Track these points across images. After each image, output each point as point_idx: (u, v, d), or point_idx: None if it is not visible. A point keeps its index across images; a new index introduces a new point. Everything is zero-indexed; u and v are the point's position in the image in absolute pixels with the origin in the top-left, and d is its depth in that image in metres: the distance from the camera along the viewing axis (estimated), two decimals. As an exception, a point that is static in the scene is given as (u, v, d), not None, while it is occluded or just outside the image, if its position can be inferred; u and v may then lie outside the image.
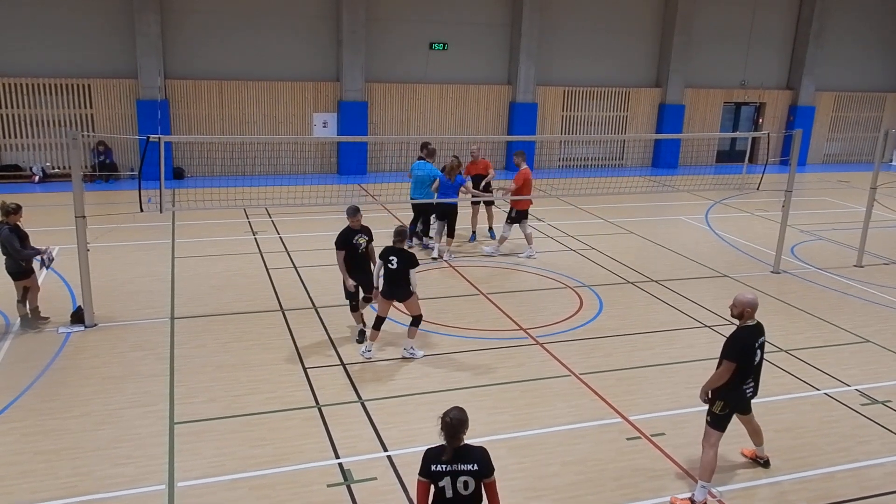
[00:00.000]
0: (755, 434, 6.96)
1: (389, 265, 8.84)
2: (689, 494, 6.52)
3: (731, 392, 6.40)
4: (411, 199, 13.62)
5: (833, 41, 25.79)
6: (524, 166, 13.58)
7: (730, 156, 25.81)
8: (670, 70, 23.95)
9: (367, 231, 9.38)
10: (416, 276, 8.90)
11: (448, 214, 13.18)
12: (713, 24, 24.40)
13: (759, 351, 6.44)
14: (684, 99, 24.55)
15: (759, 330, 6.45)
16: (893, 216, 18.18)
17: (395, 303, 9.23)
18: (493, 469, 4.83)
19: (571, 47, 23.31)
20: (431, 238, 13.83)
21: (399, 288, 8.90)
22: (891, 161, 26.78)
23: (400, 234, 8.91)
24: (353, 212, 9.25)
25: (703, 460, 6.51)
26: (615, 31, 23.59)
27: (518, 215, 13.60)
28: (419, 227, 14.05)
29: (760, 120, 26.19)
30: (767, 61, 25.53)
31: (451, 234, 13.34)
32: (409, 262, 8.83)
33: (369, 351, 9.17)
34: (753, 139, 24.83)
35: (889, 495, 6.73)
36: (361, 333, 9.59)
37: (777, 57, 25.70)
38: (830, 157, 27.43)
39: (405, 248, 8.96)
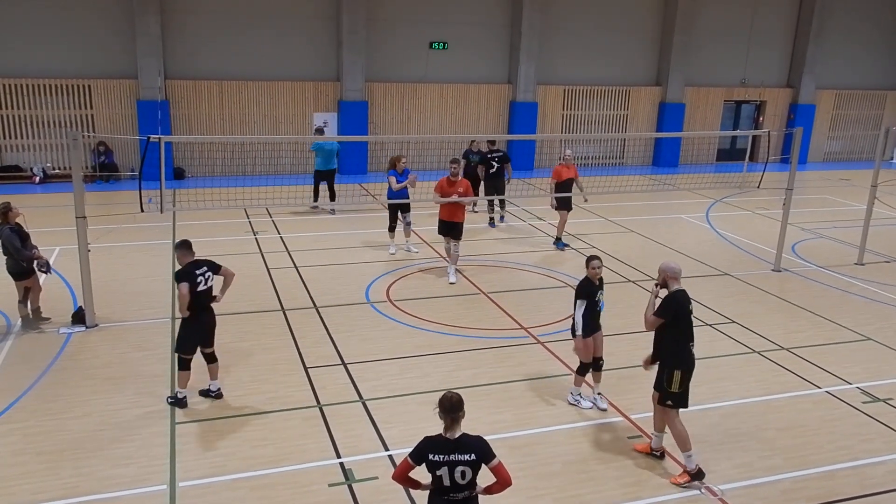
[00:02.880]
0: (661, 421, 6.97)
1: (598, 306, 7.87)
2: (681, 470, 6.78)
3: (684, 359, 6.67)
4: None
5: (833, 39, 25.76)
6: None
7: (730, 154, 25.79)
8: (671, 68, 23.93)
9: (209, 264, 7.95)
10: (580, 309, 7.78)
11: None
12: (713, 22, 24.38)
13: (692, 313, 6.76)
14: (685, 97, 24.54)
15: (687, 295, 6.80)
16: (894, 214, 18.17)
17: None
18: (495, 455, 4.81)
19: (572, 46, 23.30)
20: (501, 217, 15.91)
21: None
22: (891, 159, 26.81)
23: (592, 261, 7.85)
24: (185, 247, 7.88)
25: (674, 435, 6.74)
26: (615, 29, 23.57)
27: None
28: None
29: (761, 118, 26.17)
30: (768, 59, 25.51)
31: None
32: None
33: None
34: (754, 137, 24.84)
35: (891, 493, 6.73)
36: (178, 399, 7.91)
37: (777, 55, 25.68)
38: (831, 155, 27.41)
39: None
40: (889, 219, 17.53)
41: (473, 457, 4.73)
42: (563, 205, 14.04)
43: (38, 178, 19.06)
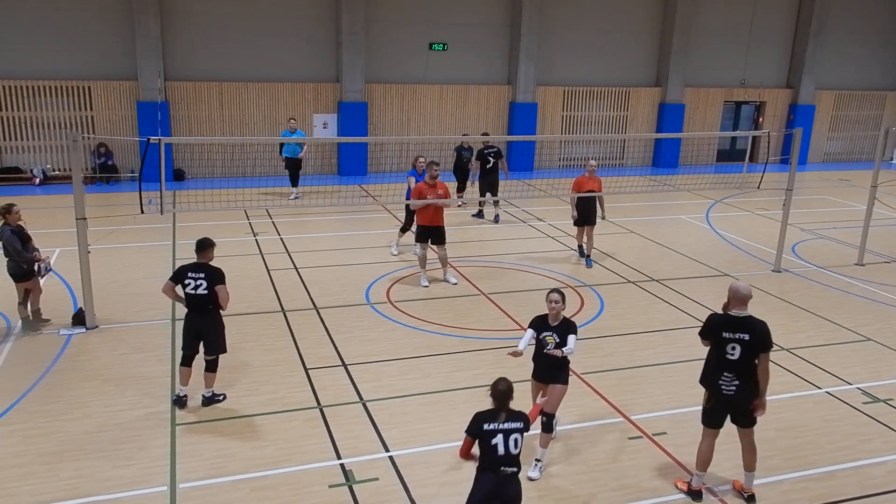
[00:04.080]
0: (748, 452, 6.49)
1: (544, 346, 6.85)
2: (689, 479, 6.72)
3: (709, 382, 6.44)
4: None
5: (833, 39, 25.78)
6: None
7: (730, 155, 25.80)
8: (670, 69, 23.94)
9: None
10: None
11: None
12: (713, 23, 24.40)
13: (735, 346, 6.18)
14: (684, 98, 24.55)
15: (739, 324, 6.20)
16: (894, 214, 18.17)
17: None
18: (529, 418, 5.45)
19: (571, 47, 23.31)
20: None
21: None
22: (891, 159, 26.81)
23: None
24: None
25: (698, 451, 6.61)
26: (615, 30, 23.59)
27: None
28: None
29: (760, 119, 26.18)
30: (767, 60, 25.53)
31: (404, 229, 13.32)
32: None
33: None
34: (754, 138, 24.85)
35: (891, 494, 6.73)
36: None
37: (777, 56, 25.70)
38: (831, 155, 27.42)
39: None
40: (889, 219, 17.53)
41: (522, 425, 5.25)
42: (582, 219, 13.04)
43: (38, 180, 19.07)
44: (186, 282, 7.64)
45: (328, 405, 8.00)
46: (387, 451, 7.14)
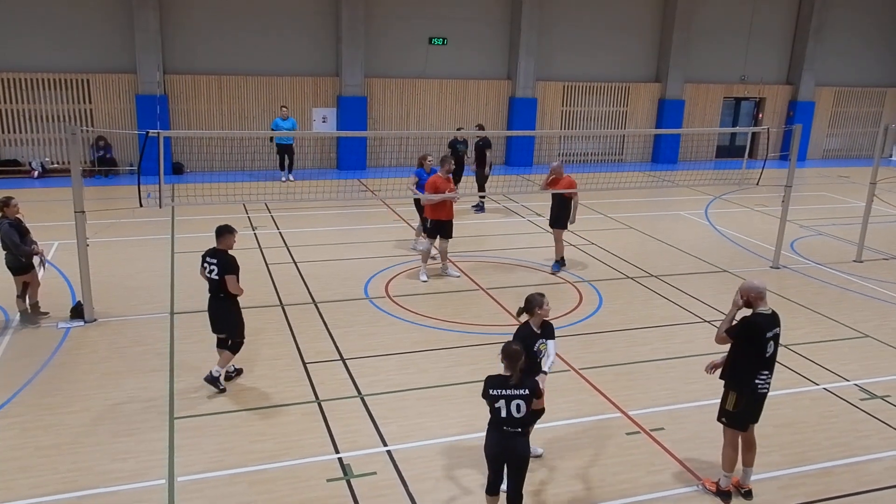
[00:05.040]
0: (747, 449, 6.50)
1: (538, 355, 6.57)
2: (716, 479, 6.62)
3: (743, 383, 6.20)
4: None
5: (833, 36, 25.75)
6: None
7: (729, 151, 25.79)
8: (670, 65, 23.91)
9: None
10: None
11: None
12: (713, 19, 24.36)
13: (771, 342, 6.16)
14: (684, 94, 24.52)
15: (773, 320, 6.21)
16: (893, 211, 18.18)
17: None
18: (542, 394, 5.85)
19: (571, 42, 23.27)
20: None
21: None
22: (890, 156, 26.80)
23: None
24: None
25: (722, 452, 6.51)
26: (615, 26, 23.55)
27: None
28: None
29: (760, 115, 26.17)
30: (767, 56, 25.50)
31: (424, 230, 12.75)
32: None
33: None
34: (753, 134, 24.85)
35: (888, 490, 6.75)
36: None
37: (777, 52, 25.67)
38: (830, 152, 27.42)
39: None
40: (888, 216, 17.55)
41: (527, 391, 5.52)
42: (553, 221, 12.59)
43: (36, 173, 19.05)
44: (204, 265, 8.08)
45: (326, 399, 8.00)
46: (385, 445, 7.15)
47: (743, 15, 24.69)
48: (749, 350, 6.16)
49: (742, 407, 6.27)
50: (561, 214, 12.40)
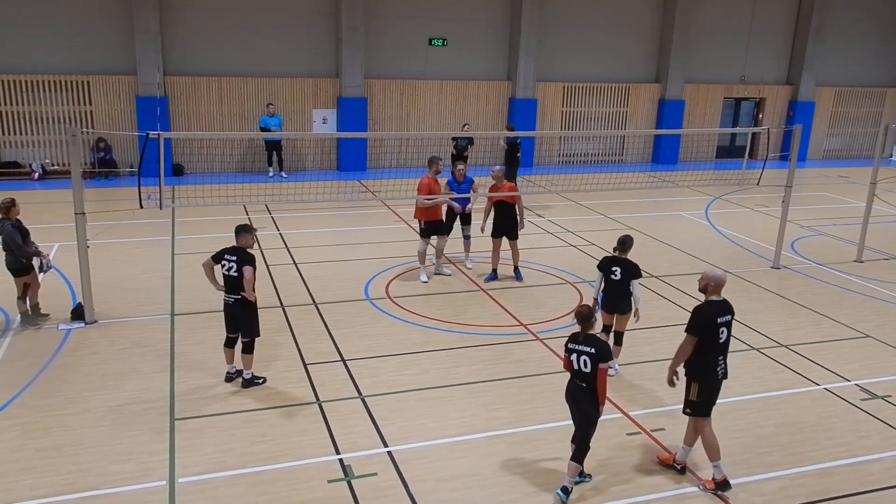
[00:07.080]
0: (694, 430, 6.70)
1: (612, 276, 8.41)
2: (710, 477, 6.67)
3: (704, 372, 6.47)
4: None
5: (833, 36, 25.74)
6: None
7: (729, 151, 25.78)
8: (670, 65, 23.91)
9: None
10: (639, 288, 8.39)
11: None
12: (713, 19, 24.36)
13: (724, 329, 6.45)
14: (684, 94, 24.52)
15: (724, 307, 6.51)
16: (893, 211, 18.18)
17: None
18: (609, 357, 6.38)
19: (571, 43, 23.27)
20: None
21: (623, 301, 8.43)
22: (891, 156, 26.80)
23: (622, 243, 8.48)
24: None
25: (703, 444, 6.62)
26: (615, 26, 23.55)
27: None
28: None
29: (760, 115, 26.17)
30: (767, 56, 25.50)
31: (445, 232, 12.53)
32: (633, 273, 8.36)
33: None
34: (753, 134, 24.84)
35: (889, 490, 6.75)
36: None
37: (777, 52, 25.67)
38: (830, 152, 27.41)
39: (627, 258, 8.46)
40: (888, 216, 17.54)
41: (594, 350, 6.16)
42: (497, 231, 11.88)
43: (36, 175, 19.05)
44: (223, 263, 8.04)
45: (327, 400, 8.00)
46: (385, 446, 7.15)
47: (743, 15, 24.69)
48: (703, 339, 6.42)
49: (706, 395, 6.56)
50: (511, 223, 11.75)
